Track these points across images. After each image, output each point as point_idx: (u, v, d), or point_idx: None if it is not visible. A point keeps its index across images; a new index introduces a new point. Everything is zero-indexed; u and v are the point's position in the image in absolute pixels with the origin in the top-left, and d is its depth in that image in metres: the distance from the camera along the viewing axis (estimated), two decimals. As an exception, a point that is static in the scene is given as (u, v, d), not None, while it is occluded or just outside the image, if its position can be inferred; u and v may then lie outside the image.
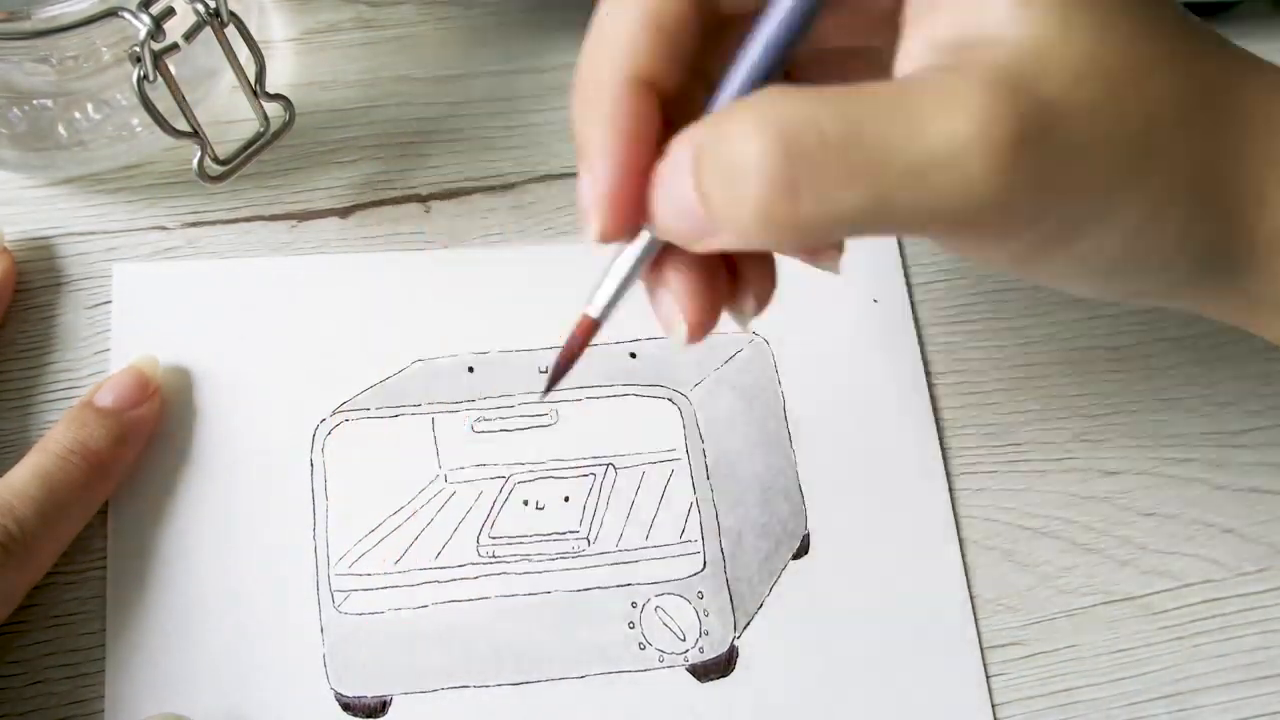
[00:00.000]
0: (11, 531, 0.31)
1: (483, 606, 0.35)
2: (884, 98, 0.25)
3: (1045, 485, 0.38)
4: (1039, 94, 0.25)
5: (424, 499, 0.36)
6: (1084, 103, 0.25)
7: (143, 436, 0.35)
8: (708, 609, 0.35)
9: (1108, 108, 0.25)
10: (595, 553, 0.35)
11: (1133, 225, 0.27)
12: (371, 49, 0.43)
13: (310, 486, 0.36)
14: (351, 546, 0.35)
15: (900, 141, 0.24)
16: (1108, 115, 0.25)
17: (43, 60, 0.36)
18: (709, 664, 0.35)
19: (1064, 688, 0.35)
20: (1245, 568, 0.38)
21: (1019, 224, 0.26)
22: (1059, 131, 0.25)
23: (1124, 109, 0.26)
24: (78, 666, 0.33)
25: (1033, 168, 0.25)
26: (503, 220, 0.40)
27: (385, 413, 0.36)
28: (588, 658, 0.34)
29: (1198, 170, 0.27)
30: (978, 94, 0.24)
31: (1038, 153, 0.25)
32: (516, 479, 0.36)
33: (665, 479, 0.36)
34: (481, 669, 0.34)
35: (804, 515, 0.37)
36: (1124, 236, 0.27)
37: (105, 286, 0.38)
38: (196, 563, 0.34)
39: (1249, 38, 0.46)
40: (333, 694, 0.33)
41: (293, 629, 0.34)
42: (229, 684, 0.33)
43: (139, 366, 0.35)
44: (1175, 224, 0.27)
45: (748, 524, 0.36)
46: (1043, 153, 0.25)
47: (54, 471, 0.33)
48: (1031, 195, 0.25)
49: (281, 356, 0.37)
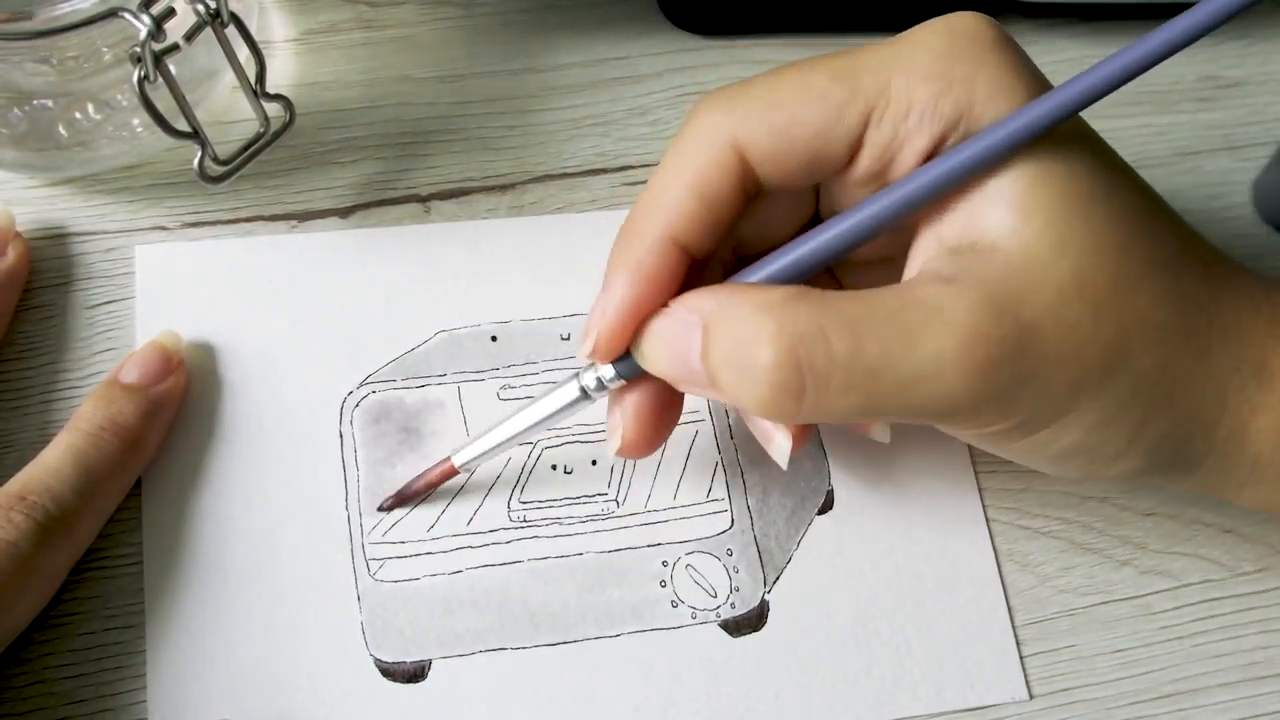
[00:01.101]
0: (50, 511, 0.32)
1: (516, 570, 0.35)
2: (885, 312, 0.28)
3: (1045, 485, 0.38)
4: (1021, 315, 0.28)
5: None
6: (1063, 322, 0.28)
7: (171, 410, 0.35)
8: (737, 565, 0.36)
9: (1085, 327, 0.28)
10: (625, 514, 0.36)
11: (1090, 423, 0.29)
12: (371, 49, 0.43)
13: (341, 458, 0.36)
14: (384, 515, 0.35)
15: (894, 358, 0.28)
16: (1084, 333, 0.28)
17: (43, 60, 0.36)
18: (741, 619, 0.35)
19: (1064, 688, 0.35)
20: (1244, 567, 0.38)
21: (987, 421, 0.29)
22: (1034, 350, 0.28)
23: (1100, 327, 0.28)
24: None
25: (1005, 382, 0.28)
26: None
27: (412, 384, 0.37)
28: (621, 617, 0.35)
29: (1160, 376, 0.29)
30: (966, 314, 0.28)
31: (1011, 370, 0.28)
32: (544, 444, 0.37)
33: (690, 440, 0.37)
34: (517, 631, 0.35)
35: (827, 471, 0.37)
36: (1082, 432, 0.29)
37: (106, 287, 0.38)
38: (231, 535, 0.35)
39: (1249, 37, 0.47)
40: (372, 661, 0.34)
41: (330, 598, 0.34)
42: (269, 654, 0.33)
43: (161, 341, 0.36)
44: (1131, 423, 0.29)
45: (772, 481, 0.37)
46: (1016, 370, 0.28)
47: (87, 449, 0.33)
48: (1001, 403, 0.29)
49: (307, 331, 0.38)
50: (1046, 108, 0.28)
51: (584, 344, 0.31)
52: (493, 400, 0.37)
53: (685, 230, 0.30)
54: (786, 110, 0.30)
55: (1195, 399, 0.30)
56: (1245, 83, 0.46)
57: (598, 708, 0.34)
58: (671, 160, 0.31)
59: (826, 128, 0.30)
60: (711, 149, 0.30)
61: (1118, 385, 0.29)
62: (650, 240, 0.30)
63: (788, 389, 0.28)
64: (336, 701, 0.33)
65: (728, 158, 0.30)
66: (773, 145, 0.30)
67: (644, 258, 0.30)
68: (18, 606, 0.32)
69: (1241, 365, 0.30)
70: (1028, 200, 0.28)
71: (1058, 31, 0.46)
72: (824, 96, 0.30)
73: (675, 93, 0.43)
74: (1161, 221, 0.30)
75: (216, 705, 0.33)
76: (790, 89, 0.30)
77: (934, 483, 0.37)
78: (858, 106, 0.29)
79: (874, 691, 0.35)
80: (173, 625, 0.34)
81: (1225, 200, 0.43)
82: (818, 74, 0.30)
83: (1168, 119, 0.45)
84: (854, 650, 0.35)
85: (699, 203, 0.30)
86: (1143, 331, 0.29)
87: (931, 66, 0.29)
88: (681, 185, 0.30)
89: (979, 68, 0.29)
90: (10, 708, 0.32)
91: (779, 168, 0.30)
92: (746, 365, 0.28)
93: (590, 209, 0.41)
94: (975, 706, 0.35)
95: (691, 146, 0.31)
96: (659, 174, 0.31)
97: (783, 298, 0.28)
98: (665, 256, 0.30)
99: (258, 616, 0.34)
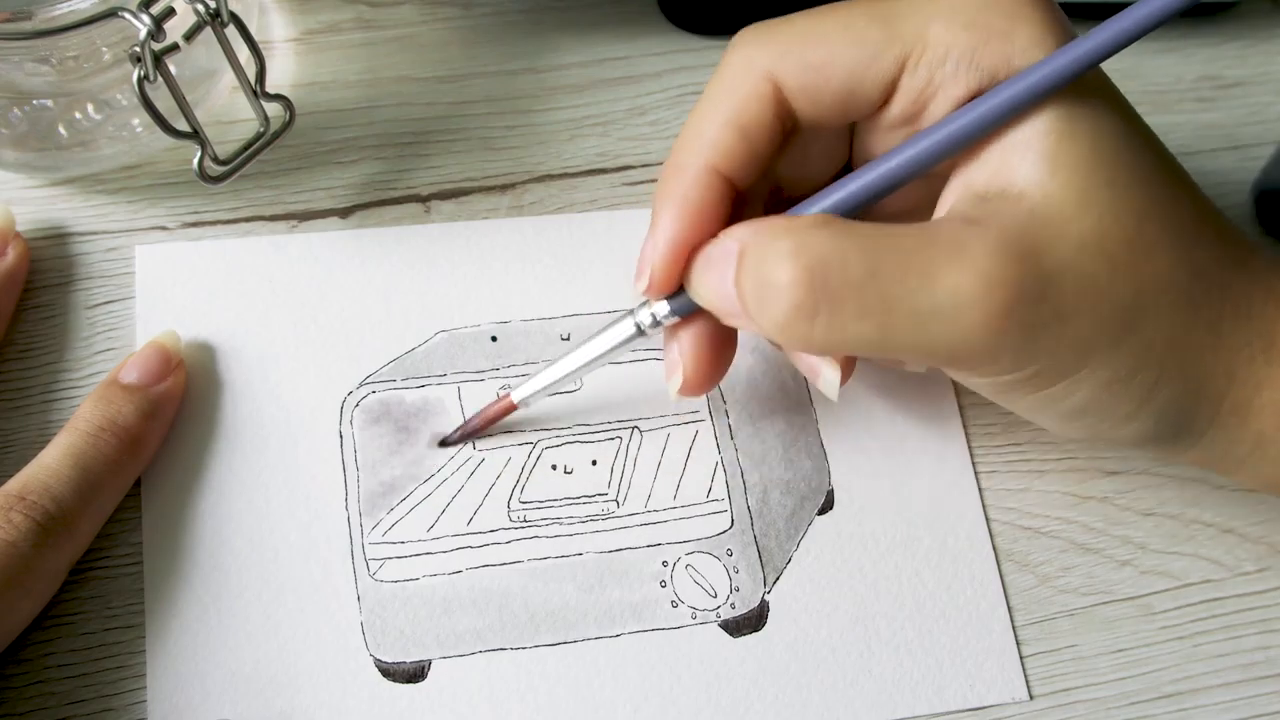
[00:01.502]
0: (50, 511, 0.32)
1: (516, 570, 0.35)
2: (906, 244, 0.28)
3: (1045, 485, 0.38)
4: (1042, 263, 0.28)
5: (453, 466, 0.36)
6: (1082, 275, 0.28)
7: (170, 410, 0.35)
8: (737, 566, 0.36)
9: (1101, 282, 0.28)
10: (625, 514, 0.36)
11: (1103, 380, 0.29)
12: (371, 49, 0.43)
13: (340, 458, 0.36)
14: (384, 515, 0.35)
15: (911, 289, 0.28)
16: (1100, 289, 0.28)
17: (43, 60, 0.36)
18: (741, 619, 0.35)
19: (1064, 688, 0.35)
20: (1245, 568, 0.38)
21: (1000, 369, 0.29)
22: (1051, 299, 0.28)
23: (1116, 285, 0.29)
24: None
25: (1022, 329, 0.28)
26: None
27: (412, 384, 0.37)
28: (621, 617, 0.35)
29: (1173, 343, 0.29)
30: (987, 256, 0.28)
31: (1029, 317, 0.28)
32: (544, 444, 0.37)
33: (690, 440, 0.37)
34: (517, 631, 0.35)
35: (827, 471, 0.37)
36: (1094, 389, 0.30)
37: (106, 286, 0.38)
38: (231, 536, 0.35)
39: (1249, 37, 0.47)
40: (372, 661, 0.34)
41: (330, 598, 0.34)
42: (269, 654, 0.34)
43: (161, 341, 0.36)
44: (1143, 385, 0.30)
45: (772, 481, 0.37)
46: (1033, 317, 0.28)
47: (86, 449, 0.33)
48: (1016, 350, 0.29)
49: (307, 331, 0.38)
50: (1075, 54, 0.28)
51: (639, 281, 0.31)
52: (493, 400, 0.37)
53: (726, 162, 0.31)
54: (823, 47, 0.30)
55: (1205, 368, 0.30)
56: (1245, 83, 0.46)
57: (597, 708, 0.34)
58: (711, 94, 0.31)
59: (862, 67, 0.30)
60: (749, 81, 0.31)
61: (1131, 345, 0.29)
62: (693, 173, 0.31)
63: (801, 308, 0.28)
64: (336, 702, 0.33)
65: (765, 89, 0.31)
66: (808, 80, 0.30)
67: (689, 191, 0.30)
68: (18, 606, 0.32)
69: (1252, 340, 0.30)
70: (1056, 153, 0.29)
71: (1058, 31, 0.46)
72: (861, 36, 0.30)
73: (675, 93, 0.43)
74: (1181, 191, 0.30)
75: (216, 705, 0.33)
76: (828, 27, 0.31)
77: (934, 483, 0.37)
78: (894, 50, 0.30)
79: (874, 691, 0.35)
80: (173, 625, 0.34)
81: (1225, 200, 0.43)
82: (857, 14, 0.30)
83: (1168, 119, 0.45)
84: (854, 650, 0.35)
85: (739, 134, 0.31)
86: (1157, 295, 0.29)
87: (972, 16, 0.29)
88: (721, 118, 0.31)
89: (1017, 22, 0.29)
90: (10, 708, 0.32)
91: (813, 104, 0.31)
92: (767, 286, 0.28)
93: (590, 209, 0.41)
94: (975, 707, 0.35)
95: (730, 79, 0.31)
96: (698, 107, 0.31)
97: (807, 223, 0.29)
98: (709, 190, 0.30)
99: (258, 616, 0.34)
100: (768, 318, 0.29)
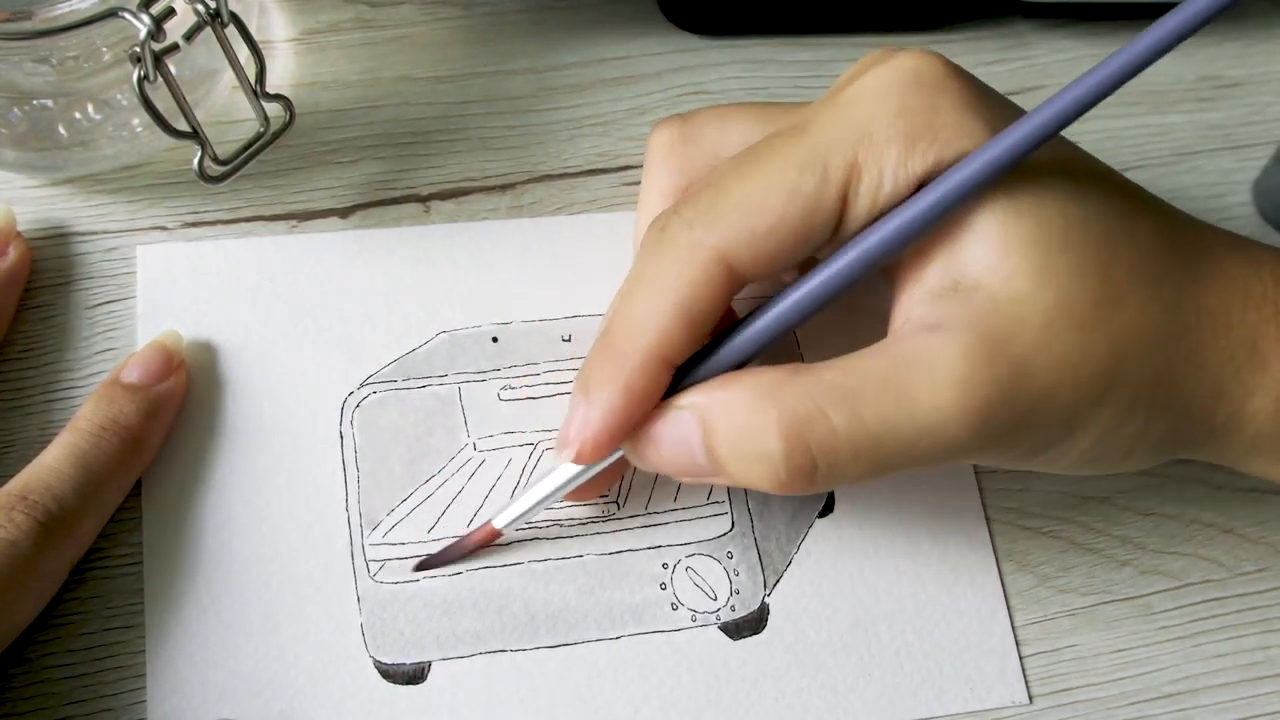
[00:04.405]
0: (52, 511, 0.32)
1: (516, 572, 0.35)
2: (877, 377, 0.29)
3: (1045, 485, 0.38)
4: (1012, 351, 0.28)
5: (454, 468, 0.36)
6: (1052, 352, 0.29)
7: (172, 410, 0.35)
8: (737, 568, 0.36)
9: (1074, 353, 0.29)
10: (625, 516, 0.36)
11: (1094, 437, 0.30)
12: (371, 49, 0.43)
13: (341, 459, 0.36)
14: (384, 517, 0.35)
15: (895, 422, 0.28)
16: (1074, 359, 0.29)
17: (43, 60, 0.36)
18: (741, 622, 0.35)
19: (1064, 688, 0.36)
20: (1245, 567, 0.38)
21: (990, 456, 0.30)
22: (1029, 383, 0.29)
23: (1090, 348, 0.29)
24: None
25: (1005, 420, 0.29)
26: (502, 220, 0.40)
27: (412, 384, 0.37)
28: (621, 619, 0.35)
29: (1157, 382, 0.30)
30: (958, 363, 0.28)
31: (1010, 406, 0.29)
32: (545, 445, 0.37)
33: None
34: (517, 633, 0.35)
35: None
36: (1088, 444, 0.30)
37: (106, 287, 0.38)
38: (231, 537, 0.35)
39: (1249, 37, 0.47)
40: (372, 662, 0.34)
41: (330, 599, 0.34)
42: (269, 654, 0.34)
43: (162, 341, 0.36)
44: (1134, 429, 0.30)
45: None
46: (1014, 404, 0.29)
47: (88, 449, 0.33)
48: (1003, 436, 0.29)
49: (308, 331, 0.38)
50: (1003, 147, 0.28)
51: (563, 451, 0.31)
52: (494, 401, 0.37)
53: (675, 350, 0.30)
54: (766, 213, 0.30)
55: (1191, 394, 0.30)
56: (1245, 83, 0.46)
57: (598, 710, 0.34)
58: (655, 278, 0.31)
59: (808, 218, 0.30)
60: (696, 267, 0.30)
61: (1117, 398, 0.29)
62: (639, 360, 0.30)
63: (801, 471, 0.29)
64: (336, 702, 0.33)
65: (716, 273, 0.30)
66: (759, 249, 0.30)
67: (633, 379, 0.30)
68: (18, 606, 0.32)
69: (1235, 353, 0.30)
70: (1004, 235, 0.29)
71: (1058, 31, 0.46)
72: (798, 190, 0.30)
73: (675, 93, 0.43)
74: (1141, 221, 0.30)
75: (216, 705, 0.33)
76: (765, 189, 0.30)
77: (934, 484, 0.37)
78: (832, 190, 0.29)
79: (874, 694, 0.35)
80: (173, 625, 0.34)
81: (1225, 200, 0.43)
82: (788, 166, 0.30)
83: (1168, 119, 0.45)
84: (854, 653, 0.35)
85: (688, 323, 0.30)
86: (1134, 342, 0.29)
87: (890, 128, 0.29)
88: (671, 307, 0.30)
89: (935, 113, 0.29)
90: (10, 708, 0.32)
91: (768, 265, 0.30)
92: (757, 455, 0.29)
93: (590, 209, 0.41)
94: (975, 710, 0.35)
95: (676, 265, 0.30)
96: (641, 289, 0.31)
97: (773, 382, 0.29)
98: (655, 377, 0.30)
99: (258, 616, 0.34)
100: (764, 483, 0.29)
